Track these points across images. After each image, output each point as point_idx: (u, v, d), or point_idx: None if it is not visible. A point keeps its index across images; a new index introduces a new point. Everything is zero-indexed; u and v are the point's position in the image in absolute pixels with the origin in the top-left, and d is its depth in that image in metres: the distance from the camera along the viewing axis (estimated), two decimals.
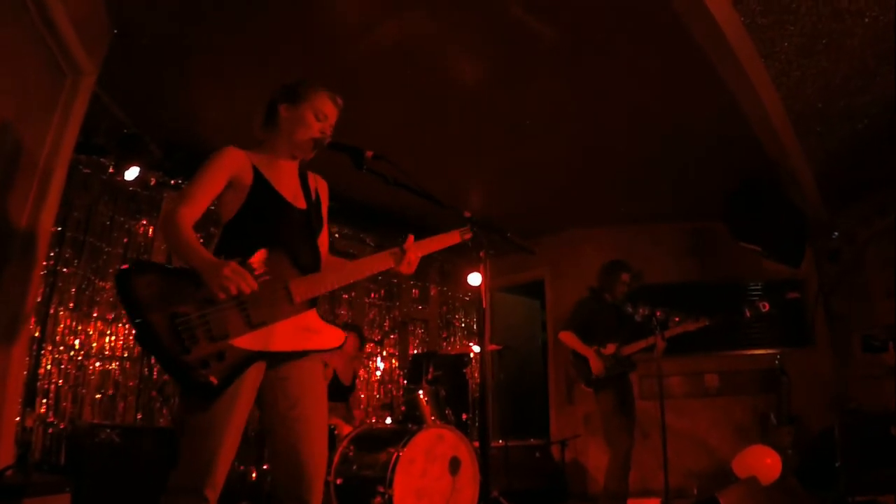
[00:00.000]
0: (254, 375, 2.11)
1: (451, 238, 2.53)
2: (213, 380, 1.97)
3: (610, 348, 4.79)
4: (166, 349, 1.93)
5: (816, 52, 4.10)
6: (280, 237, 2.23)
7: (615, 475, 4.67)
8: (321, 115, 2.37)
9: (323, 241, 2.49)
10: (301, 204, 2.39)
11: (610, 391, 4.79)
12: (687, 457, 6.47)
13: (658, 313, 4.60)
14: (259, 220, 2.25)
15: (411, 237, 2.42)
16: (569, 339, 5.00)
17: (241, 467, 4.49)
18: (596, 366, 4.77)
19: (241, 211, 2.25)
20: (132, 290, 1.95)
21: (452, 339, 8.34)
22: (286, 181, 2.38)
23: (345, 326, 5.69)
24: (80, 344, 4.93)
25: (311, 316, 2.24)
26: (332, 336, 2.28)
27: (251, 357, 2.07)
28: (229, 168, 2.24)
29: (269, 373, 2.18)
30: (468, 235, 2.52)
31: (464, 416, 5.45)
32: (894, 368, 5.22)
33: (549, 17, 3.92)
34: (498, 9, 3.84)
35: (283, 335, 2.14)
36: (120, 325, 5.25)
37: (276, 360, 2.18)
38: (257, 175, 2.29)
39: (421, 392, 4.68)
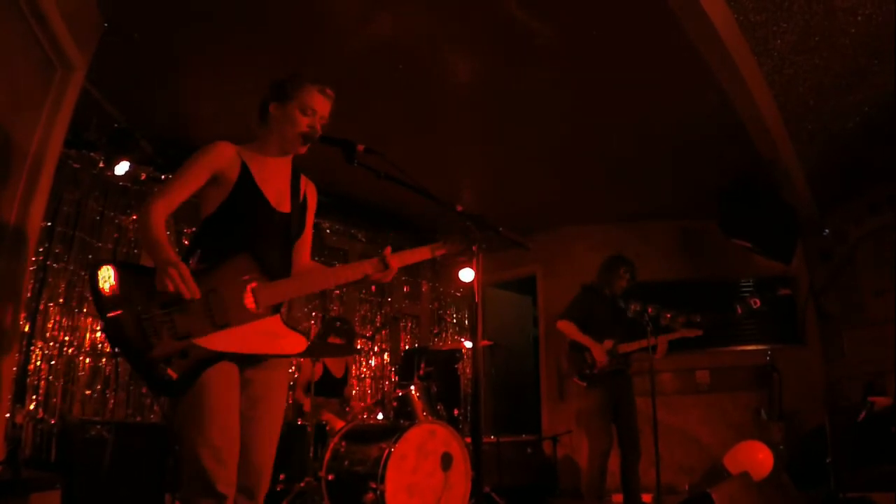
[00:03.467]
0: (226, 372, 2.14)
1: (423, 253, 2.54)
2: (173, 374, 2.01)
3: (607, 344, 4.73)
4: (132, 345, 1.97)
5: (809, 49, 4.11)
6: (253, 241, 2.26)
7: (590, 474, 4.66)
8: (309, 111, 2.36)
9: (303, 246, 2.52)
10: (285, 207, 2.40)
11: (600, 390, 4.73)
12: (679, 453, 6.49)
13: (650, 309, 4.58)
14: (236, 221, 2.28)
15: (388, 248, 2.45)
16: (568, 328, 4.89)
17: None
18: (599, 355, 4.70)
19: (221, 207, 2.28)
20: (101, 287, 1.99)
21: (444, 335, 8.33)
22: (274, 181, 2.39)
23: (334, 319, 5.66)
24: (70, 339, 4.91)
25: (275, 321, 2.27)
26: (294, 342, 2.31)
27: (214, 356, 2.10)
28: (213, 163, 2.26)
29: (239, 374, 2.22)
30: (440, 252, 2.53)
31: (455, 412, 5.44)
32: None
33: (544, 15, 3.92)
34: (493, 6, 3.84)
35: (246, 338, 2.17)
36: None
37: (240, 361, 2.21)
38: (244, 172, 2.30)
39: (412, 388, 4.67)
